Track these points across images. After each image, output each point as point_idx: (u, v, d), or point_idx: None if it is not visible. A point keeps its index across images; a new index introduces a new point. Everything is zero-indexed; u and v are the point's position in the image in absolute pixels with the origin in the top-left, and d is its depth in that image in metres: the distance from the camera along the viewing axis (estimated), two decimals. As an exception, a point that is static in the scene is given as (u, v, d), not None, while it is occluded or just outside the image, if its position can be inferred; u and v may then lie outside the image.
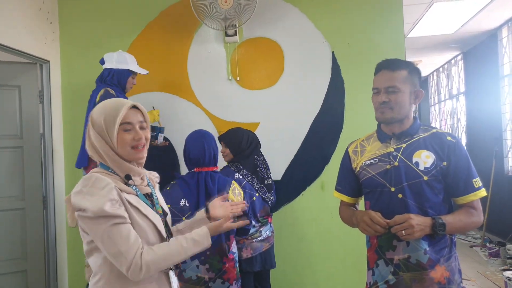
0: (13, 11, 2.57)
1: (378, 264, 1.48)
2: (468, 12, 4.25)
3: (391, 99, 1.44)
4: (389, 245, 1.44)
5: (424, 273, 1.38)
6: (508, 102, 4.81)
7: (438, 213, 1.40)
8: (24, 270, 2.78)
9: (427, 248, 1.39)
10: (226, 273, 1.89)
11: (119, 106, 1.20)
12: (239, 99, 2.91)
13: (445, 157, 1.41)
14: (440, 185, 1.42)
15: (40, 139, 2.89)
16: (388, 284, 1.44)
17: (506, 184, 4.82)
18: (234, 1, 2.52)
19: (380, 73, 1.49)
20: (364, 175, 1.52)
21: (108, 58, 2.53)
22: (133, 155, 1.21)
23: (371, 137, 1.59)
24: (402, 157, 1.44)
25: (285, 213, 2.85)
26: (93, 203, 1.09)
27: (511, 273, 3.36)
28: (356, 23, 2.81)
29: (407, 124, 1.48)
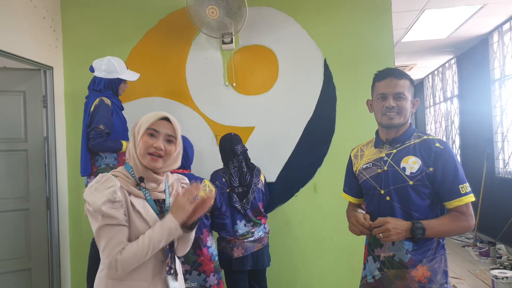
0: (18, 20, 2.66)
1: (368, 260, 1.58)
2: (459, 18, 4.36)
3: (398, 104, 1.50)
4: (377, 243, 1.52)
5: (406, 271, 1.46)
6: (499, 105, 4.92)
7: (425, 217, 1.46)
8: (29, 269, 2.85)
9: (410, 248, 1.46)
10: (201, 265, 2.02)
11: (154, 115, 1.30)
12: (235, 104, 3.00)
13: (432, 163, 1.46)
14: (427, 190, 1.47)
15: (43, 143, 2.96)
16: (375, 279, 1.53)
17: (497, 185, 4.92)
18: (220, 13, 2.60)
19: (387, 80, 1.53)
20: (361, 178, 1.61)
21: (97, 66, 2.51)
22: (148, 161, 1.27)
23: (370, 143, 1.67)
24: (391, 162, 1.52)
25: (279, 214, 2.95)
26: (95, 199, 1.19)
27: (498, 272, 3.47)
28: (347, 32, 2.90)
29: (402, 130, 1.55)
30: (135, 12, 3.10)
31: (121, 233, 1.21)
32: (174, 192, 1.41)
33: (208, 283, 2.06)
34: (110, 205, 1.19)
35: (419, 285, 1.45)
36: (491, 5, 3.98)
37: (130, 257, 1.20)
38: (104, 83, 2.51)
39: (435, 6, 3.94)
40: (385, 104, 1.52)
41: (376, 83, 1.58)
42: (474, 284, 3.80)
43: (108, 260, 1.19)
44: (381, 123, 1.57)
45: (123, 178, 1.28)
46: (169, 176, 1.42)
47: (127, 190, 1.26)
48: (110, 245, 1.19)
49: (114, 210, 1.20)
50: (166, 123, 1.30)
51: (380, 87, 1.55)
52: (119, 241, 1.20)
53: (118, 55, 3.06)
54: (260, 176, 2.57)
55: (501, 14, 4.30)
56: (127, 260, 1.20)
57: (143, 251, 1.20)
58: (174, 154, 1.32)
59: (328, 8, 2.93)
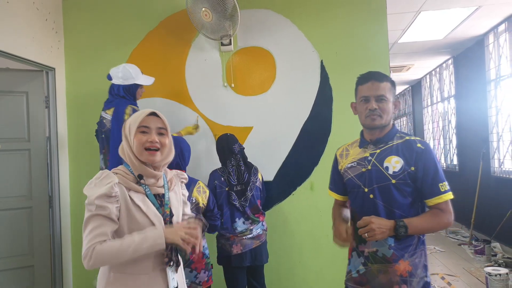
0: (21, 22, 2.71)
1: (352, 256, 1.65)
2: (455, 20, 4.41)
3: (380, 106, 1.57)
4: (361, 239, 1.58)
5: (388, 265, 1.53)
6: (494, 105, 4.98)
7: (406, 214, 1.53)
8: (31, 266, 2.90)
9: (392, 244, 1.53)
10: (193, 263, 2.12)
11: (142, 113, 1.37)
12: (233, 105, 3.05)
13: (413, 163, 1.53)
14: (409, 189, 1.53)
15: (46, 142, 3.01)
16: (359, 273, 1.60)
17: (492, 184, 4.98)
18: (213, 17, 2.65)
19: (369, 83, 1.59)
20: (346, 176, 1.68)
21: (114, 74, 2.62)
22: (146, 156, 1.33)
23: (355, 142, 1.74)
24: (375, 161, 1.59)
25: (277, 212, 3.00)
26: (92, 193, 1.27)
27: (492, 269, 3.54)
28: (343, 34, 2.96)
29: (385, 131, 1.62)
30: (135, 14, 3.16)
31: (108, 226, 1.26)
32: (172, 187, 1.46)
33: (198, 279, 2.15)
34: (105, 198, 1.26)
35: (401, 278, 1.52)
36: (486, 7, 4.04)
37: (108, 252, 1.22)
38: (123, 89, 2.60)
39: (431, 8, 4.00)
40: (368, 106, 1.58)
41: (359, 87, 1.65)
42: (469, 282, 3.86)
43: (86, 246, 1.22)
44: (364, 125, 1.64)
45: (123, 175, 1.34)
46: (167, 172, 1.49)
47: (126, 187, 1.32)
48: (94, 233, 1.24)
49: (107, 203, 1.26)
50: (154, 118, 1.37)
51: (363, 90, 1.61)
52: (103, 232, 1.24)
53: (118, 56, 3.14)
54: (258, 174, 2.63)
55: (496, 15, 4.36)
56: (104, 253, 1.21)
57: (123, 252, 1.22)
58: (168, 145, 1.39)
59: (324, 10, 2.98)
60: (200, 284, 2.15)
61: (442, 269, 4.25)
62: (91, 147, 3.14)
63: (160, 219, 1.35)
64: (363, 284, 1.59)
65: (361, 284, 1.60)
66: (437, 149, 7.48)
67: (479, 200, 5.12)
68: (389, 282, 1.53)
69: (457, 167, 6.29)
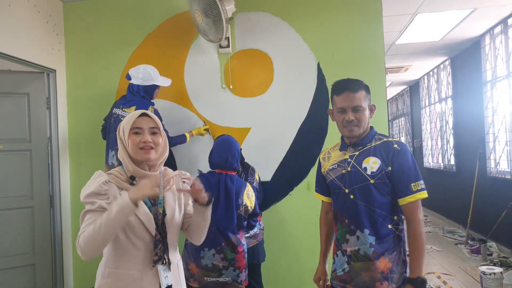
0: (22, 24, 2.76)
1: (337, 255, 1.70)
2: (451, 22, 4.46)
3: (357, 117, 1.61)
4: (344, 239, 1.65)
5: (370, 263, 1.58)
6: (490, 106, 5.03)
7: (386, 213, 1.59)
8: (33, 264, 2.95)
9: (373, 242, 1.59)
10: (237, 262, 2.15)
11: (133, 115, 1.41)
12: (232, 106, 3.10)
13: (390, 162, 1.59)
14: (387, 188, 1.59)
15: (47, 143, 3.06)
16: (344, 271, 1.65)
17: (488, 184, 5.02)
18: (202, 19, 2.69)
19: (344, 94, 1.62)
20: (328, 178, 1.73)
21: (134, 74, 2.73)
22: (141, 155, 1.37)
23: (337, 146, 1.80)
24: (354, 163, 1.64)
25: (274, 212, 3.04)
26: (83, 192, 1.34)
27: (486, 268, 3.59)
28: (340, 36, 3.00)
29: (363, 135, 1.66)
30: (135, 17, 3.20)
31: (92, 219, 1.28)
32: (169, 187, 1.49)
33: (240, 278, 2.17)
34: (94, 196, 1.31)
35: (382, 275, 1.57)
36: (481, 9, 4.08)
37: (88, 233, 1.24)
38: (142, 89, 2.72)
39: (427, 10, 4.04)
40: (345, 117, 1.62)
41: (334, 97, 1.68)
42: (464, 280, 3.91)
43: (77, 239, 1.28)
44: (343, 134, 1.71)
45: (116, 175, 1.39)
46: (167, 172, 1.51)
47: (118, 186, 1.37)
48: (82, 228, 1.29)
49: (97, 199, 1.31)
50: (146, 118, 1.40)
51: (338, 101, 1.65)
52: (87, 225, 1.28)
53: (118, 58, 3.19)
54: (255, 175, 2.67)
55: (492, 17, 4.41)
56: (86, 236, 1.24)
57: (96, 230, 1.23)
58: (162, 143, 1.42)
59: (321, 13, 3.03)
60: (241, 283, 2.17)
61: (438, 268, 4.30)
62: (92, 147, 3.19)
63: (150, 217, 1.37)
64: (347, 282, 1.64)
65: (345, 282, 1.65)
66: (435, 149, 7.54)
67: (475, 200, 5.16)
68: (371, 279, 1.58)
69: (454, 167, 6.33)
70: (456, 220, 6.22)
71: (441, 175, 6.91)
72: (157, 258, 1.37)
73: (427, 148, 8.02)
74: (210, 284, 2.12)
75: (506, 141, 4.66)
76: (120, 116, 2.72)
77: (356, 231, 1.62)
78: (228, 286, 2.13)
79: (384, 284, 1.56)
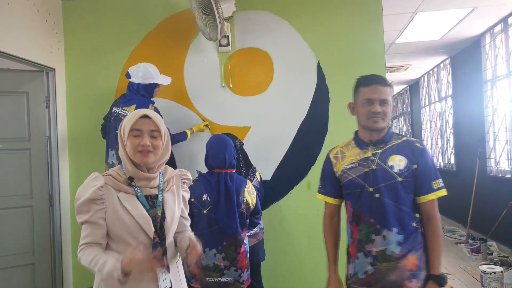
0: (22, 23, 2.74)
1: (358, 257, 1.64)
2: (451, 21, 4.45)
3: (383, 110, 1.62)
4: (368, 239, 1.60)
5: (397, 262, 1.55)
6: (491, 105, 5.02)
7: (410, 210, 1.59)
8: (32, 264, 2.94)
9: (401, 240, 1.57)
10: (239, 262, 2.13)
11: (134, 115, 1.37)
12: (231, 105, 3.09)
13: (415, 160, 1.61)
14: (411, 186, 1.60)
15: (46, 142, 3.05)
16: (367, 274, 1.60)
17: (488, 183, 5.02)
18: (200, 18, 2.68)
19: (373, 87, 1.63)
20: (345, 178, 1.68)
21: (134, 73, 2.72)
22: (139, 158, 1.34)
23: (350, 144, 1.76)
24: (379, 161, 1.62)
25: (274, 211, 3.04)
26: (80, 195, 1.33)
27: (487, 267, 3.58)
28: (339, 35, 2.99)
29: (384, 132, 1.68)
30: (134, 16, 3.19)
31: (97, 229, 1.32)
32: (169, 188, 1.46)
33: (242, 278, 2.15)
34: (89, 202, 1.31)
35: (410, 273, 1.56)
36: (481, 8, 4.08)
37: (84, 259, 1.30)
38: (142, 88, 2.71)
39: (427, 9, 4.04)
40: (371, 109, 1.62)
41: (361, 88, 1.68)
42: (464, 280, 3.91)
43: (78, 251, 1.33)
44: (366, 126, 1.67)
45: (114, 177, 1.37)
46: (167, 171, 1.48)
47: (115, 188, 1.35)
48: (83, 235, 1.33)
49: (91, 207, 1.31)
50: (147, 120, 1.36)
51: (366, 92, 1.65)
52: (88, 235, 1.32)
53: (118, 57, 3.18)
54: (256, 174, 2.67)
55: (492, 16, 4.40)
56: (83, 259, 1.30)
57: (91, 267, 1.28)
58: (162, 147, 1.38)
59: (321, 12, 3.02)
60: (243, 283, 2.16)
61: (438, 268, 4.29)
62: (91, 146, 3.18)
63: (148, 220, 1.35)
64: (372, 285, 1.60)
65: (369, 285, 1.60)
66: (435, 148, 7.53)
67: (475, 199, 5.16)
68: (400, 278, 1.55)
69: (454, 166, 6.33)
70: (456, 219, 6.22)
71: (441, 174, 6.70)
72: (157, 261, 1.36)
73: (427, 147, 8.00)
74: (212, 284, 2.11)
75: (506, 140, 4.65)
76: (120, 115, 2.72)
77: (382, 231, 1.59)
78: (230, 286, 2.12)
79: (413, 281, 1.55)
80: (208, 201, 2.12)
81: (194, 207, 2.10)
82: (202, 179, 2.18)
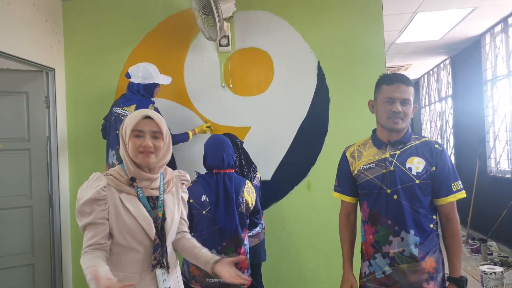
0: (21, 23, 2.74)
1: (375, 257, 1.63)
2: (451, 21, 4.44)
3: (404, 110, 1.59)
4: (386, 240, 1.59)
5: (416, 264, 1.54)
6: (491, 105, 5.02)
7: (427, 212, 1.58)
8: (32, 264, 2.93)
9: (418, 242, 1.55)
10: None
11: (136, 116, 1.37)
12: (232, 105, 3.08)
13: (434, 163, 1.58)
14: (429, 188, 1.58)
15: (46, 142, 3.04)
16: (385, 274, 1.60)
17: (489, 183, 5.01)
18: (200, 18, 2.67)
19: (396, 85, 1.59)
20: (362, 178, 1.66)
21: (134, 73, 2.71)
22: (141, 159, 1.34)
23: (367, 143, 1.72)
24: (397, 162, 1.60)
25: (275, 211, 3.03)
26: (82, 196, 1.31)
27: (487, 267, 3.58)
28: (340, 35, 2.98)
29: (403, 133, 1.64)
30: (134, 16, 3.18)
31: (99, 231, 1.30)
32: (169, 189, 1.46)
33: None
34: (92, 203, 1.29)
35: (429, 275, 1.55)
36: (482, 8, 4.07)
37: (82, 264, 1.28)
38: (142, 88, 2.71)
39: (427, 9, 4.03)
40: (392, 108, 1.59)
41: (383, 86, 1.64)
42: (464, 280, 3.90)
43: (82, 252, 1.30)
44: (385, 126, 1.64)
45: (115, 177, 1.36)
46: (167, 172, 1.48)
47: (117, 189, 1.34)
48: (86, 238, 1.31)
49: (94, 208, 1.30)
50: (149, 121, 1.36)
51: (388, 91, 1.61)
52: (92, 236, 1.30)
53: (117, 57, 3.18)
54: (257, 173, 2.67)
55: (492, 16, 4.40)
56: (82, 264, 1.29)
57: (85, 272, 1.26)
58: (163, 148, 1.38)
59: (322, 12, 3.01)
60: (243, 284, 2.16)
61: (439, 268, 4.29)
62: (91, 146, 3.18)
63: (149, 221, 1.35)
64: (389, 285, 1.59)
65: (386, 285, 1.60)
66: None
67: (475, 199, 5.15)
68: (418, 280, 1.55)
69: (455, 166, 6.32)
70: (456, 220, 6.20)
71: None
72: (156, 262, 1.36)
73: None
74: (211, 285, 2.10)
75: (507, 140, 4.65)
76: (120, 115, 2.71)
77: (400, 232, 1.57)
78: (230, 287, 2.11)
79: (431, 284, 1.54)
80: (207, 201, 2.11)
81: (193, 208, 2.10)
82: (201, 180, 2.18)
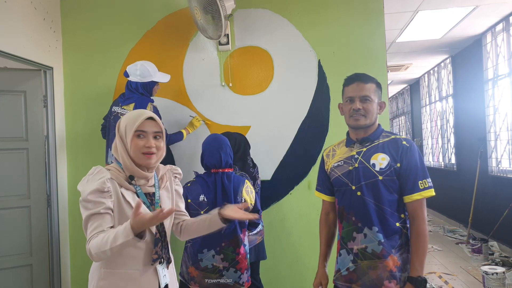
0: (19, 21, 2.71)
1: (341, 254, 1.66)
2: (452, 19, 4.43)
3: (364, 107, 1.61)
4: (350, 237, 1.61)
5: (378, 261, 1.55)
6: (492, 105, 4.99)
7: (394, 210, 1.57)
8: (30, 264, 2.91)
9: (382, 239, 1.56)
10: (238, 263, 2.09)
11: (138, 116, 1.38)
12: (231, 104, 3.06)
13: (399, 159, 1.58)
14: (395, 185, 1.57)
15: (44, 141, 3.01)
16: (349, 271, 1.61)
17: (490, 183, 4.99)
18: (201, 16, 2.65)
19: (354, 84, 1.63)
20: (332, 175, 1.71)
21: (132, 71, 2.69)
22: (143, 160, 1.36)
23: (341, 143, 1.78)
24: (362, 159, 1.62)
25: (275, 211, 3.01)
26: (85, 188, 1.29)
27: (489, 268, 3.56)
28: (340, 33, 2.97)
29: (371, 130, 1.66)
30: (133, 14, 3.16)
31: (105, 221, 1.28)
32: (163, 185, 1.49)
33: (242, 280, 2.11)
34: (98, 193, 1.28)
35: (390, 273, 1.54)
36: (483, 6, 4.05)
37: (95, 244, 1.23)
38: (140, 86, 2.69)
39: (428, 8, 4.02)
40: (352, 106, 1.63)
41: (345, 88, 1.69)
42: (466, 280, 3.88)
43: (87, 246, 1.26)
44: (349, 125, 1.68)
45: (115, 172, 1.37)
46: (159, 169, 1.50)
47: (118, 183, 1.35)
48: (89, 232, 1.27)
49: (101, 198, 1.28)
50: (151, 122, 1.39)
51: (348, 91, 1.66)
52: (95, 227, 1.27)
53: (116, 55, 3.15)
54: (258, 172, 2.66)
55: (493, 15, 4.37)
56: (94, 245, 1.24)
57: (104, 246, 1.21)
58: (162, 147, 1.42)
59: (322, 10, 2.99)
60: (243, 284, 2.13)
61: (440, 268, 4.27)
62: (89, 146, 3.15)
63: None
64: (353, 282, 1.60)
65: (350, 282, 1.61)
66: (436, 148, 7.51)
67: (476, 199, 5.14)
68: (379, 278, 1.55)
69: (455, 166, 6.30)
70: (457, 220, 6.19)
71: (442, 174, 6.87)
72: (157, 257, 1.37)
73: (428, 147, 8.00)
74: (210, 286, 2.08)
75: (508, 139, 4.63)
76: (119, 114, 2.69)
77: (363, 229, 1.58)
78: (229, 287, 2.09)
79: (393, 282, 1.54)
80: (205, 201, 2.08)
81: (191, 208, 2.07)
82: (199, 180, 2.15)
